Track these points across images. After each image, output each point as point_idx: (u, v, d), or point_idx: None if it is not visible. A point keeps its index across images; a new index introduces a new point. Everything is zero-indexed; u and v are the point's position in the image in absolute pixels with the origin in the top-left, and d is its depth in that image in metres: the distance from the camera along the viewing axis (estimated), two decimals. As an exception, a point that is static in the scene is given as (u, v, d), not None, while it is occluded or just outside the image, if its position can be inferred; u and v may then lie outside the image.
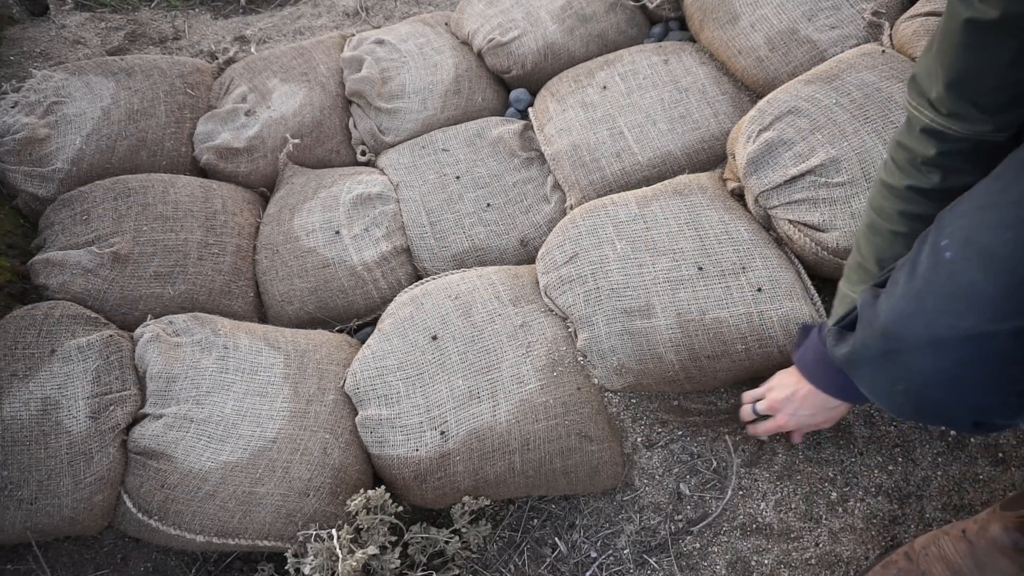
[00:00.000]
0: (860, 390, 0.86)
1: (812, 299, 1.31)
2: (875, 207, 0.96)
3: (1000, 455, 1.23)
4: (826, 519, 1.22)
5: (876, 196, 0.96)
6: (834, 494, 1.24)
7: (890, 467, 1.24)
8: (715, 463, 1.28)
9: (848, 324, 0.86)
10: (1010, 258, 0.69)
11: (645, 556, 1.23)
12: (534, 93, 1.79)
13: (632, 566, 1.23)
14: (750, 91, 1.63)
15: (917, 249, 0.78)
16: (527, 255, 1.54)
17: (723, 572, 1.20)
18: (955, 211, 0.76)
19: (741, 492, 1.26)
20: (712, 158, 1.56)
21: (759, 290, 1.27)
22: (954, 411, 0.74)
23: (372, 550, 1.11)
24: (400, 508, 1.21)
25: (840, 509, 1.22)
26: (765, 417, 1.21)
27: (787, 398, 1.14)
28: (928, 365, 0.72)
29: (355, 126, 1.74)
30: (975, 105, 0.81)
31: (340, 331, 1.51)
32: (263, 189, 1.69)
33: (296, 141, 1.67)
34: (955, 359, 0.71)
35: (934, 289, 0.73)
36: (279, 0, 2.29)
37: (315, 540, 1.14)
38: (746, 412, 1.24)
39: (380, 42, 1.80)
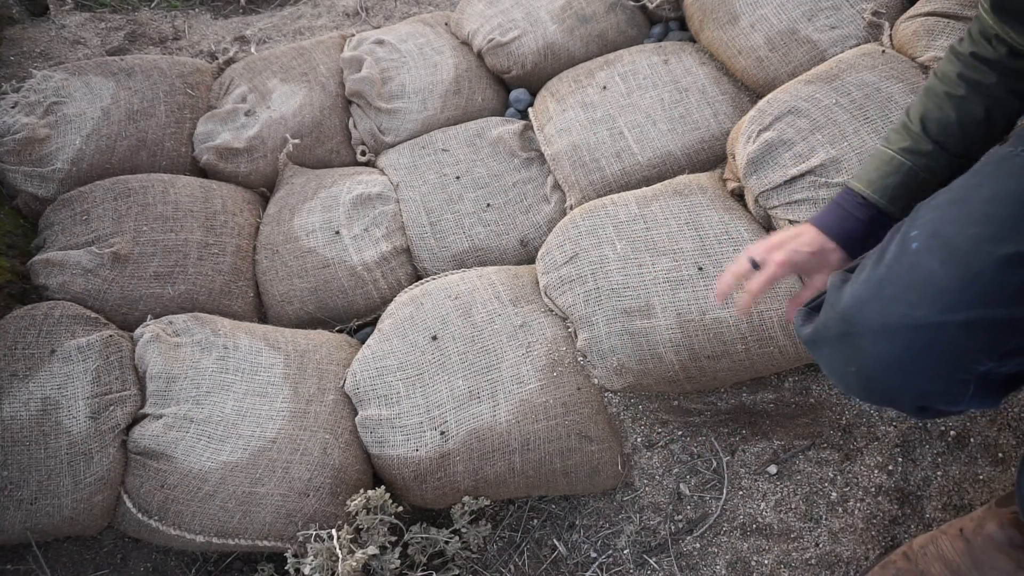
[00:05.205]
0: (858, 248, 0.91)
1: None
2: (939, 72, 0.97)
3: (1000, 455, 1.23)
4: (826, 519, 1.22)
5: (943, 62, 0.98)
6: (834, 494, 1.24)
7: (890, 467, 1.24)
8: (715, 463, 1.28)
9: (815, 306, 0.87)
10: (970, 252, 0.70)
11: (645, 556, 1.23)
12: (534, 93, 1.79)
13: (632, 566, 1.23)
14: (750, 91, 1.63)
15: (889, 238, 0.80)
16: (527, 255, 1.54)
17: (723, 572, 1.20)
18: (930, 203, 0.78)
19: (741, 492, 1.26)
20: (712, 158, 1.56)
21: (759, 290, 1.27)
22: (900, 395, 0.77)
23: (372, 550, 1.11)
24: (400, 508, 1.21)
25: (840, 509, 1.22)
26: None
27: (784, 235, 1.03)
28: (879, 350, 0.74)
29: (355, 126, 1.74)
30: None
31: (340, 331, 1.51)
32: (263, 189, 1.69)
33: (296, 141, 1.67)
34: (904, 346, 0.73)
35: (894, 278, 0.75)
36: (279, 0, 2.29)
37: (315, 540, 1.14)
38: (741, 263, 1.04)
39: (380, 42, 1.80)
